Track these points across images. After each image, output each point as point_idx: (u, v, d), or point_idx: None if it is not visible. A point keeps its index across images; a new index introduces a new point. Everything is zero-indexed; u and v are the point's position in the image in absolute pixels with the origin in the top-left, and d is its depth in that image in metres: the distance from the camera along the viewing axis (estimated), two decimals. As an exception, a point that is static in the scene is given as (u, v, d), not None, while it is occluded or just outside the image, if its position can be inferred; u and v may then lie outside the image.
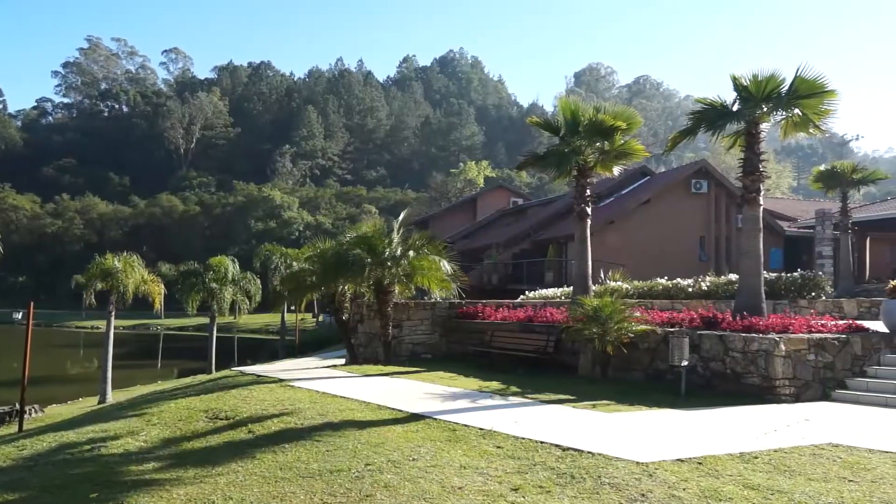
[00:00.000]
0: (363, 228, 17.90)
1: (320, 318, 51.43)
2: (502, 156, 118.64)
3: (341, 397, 10.59)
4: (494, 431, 7.89)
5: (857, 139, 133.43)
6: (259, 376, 14.15)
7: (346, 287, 17.79)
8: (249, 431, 8.40)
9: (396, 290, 16.85)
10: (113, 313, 22.68)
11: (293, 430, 8.36)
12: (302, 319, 46.11)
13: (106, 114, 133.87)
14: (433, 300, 17.76)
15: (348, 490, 5.98)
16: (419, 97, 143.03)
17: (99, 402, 19.79)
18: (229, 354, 37.06)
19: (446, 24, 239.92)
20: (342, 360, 18.18)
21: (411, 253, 16.37)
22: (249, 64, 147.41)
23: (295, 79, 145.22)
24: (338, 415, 9.13)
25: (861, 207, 34.65)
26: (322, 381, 12.87)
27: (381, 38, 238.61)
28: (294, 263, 19.39)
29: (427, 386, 11.92)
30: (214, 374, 20.15)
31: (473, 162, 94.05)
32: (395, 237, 16.73)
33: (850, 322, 12.37)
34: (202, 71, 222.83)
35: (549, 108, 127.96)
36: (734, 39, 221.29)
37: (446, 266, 16.46)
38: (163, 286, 25.12)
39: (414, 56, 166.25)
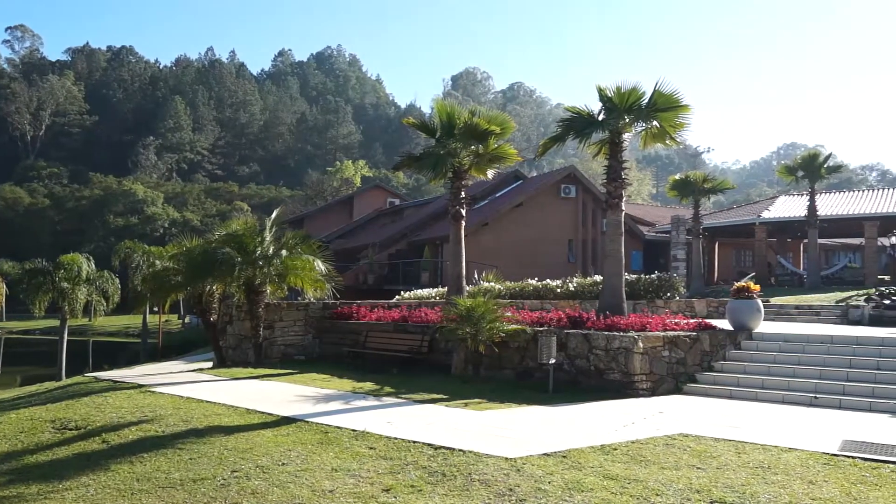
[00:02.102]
0: (234, 226, 17.20)
1: (187, 320, 48.93)
2: (380, 155, 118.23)
3: (207, 402, 10.10)
4: (367, 432, 7.84)
5: (708, 151, 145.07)
6: (116, 382, 13.21)
7: (214, 287, 17.04)
8: (103, 441, 7.82)
9: (268, 291, 16.36)
10: (-56, 315, 20.38)
11: (153, 438, 7.88)
12: (166, 321, 43.67)
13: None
14: (307, 300, 17.41)
15: (212, 499, 5.71)
16: (295, 93, 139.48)
17: (-75, 415, 17.69)
18: (83, 359, 34.43)
19: (324, 20, 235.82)
20: (210, 364, 17.39)
21: (284, 252, 15.95)
22: (109, 48, 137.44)
23: (160, 66, 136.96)
24: (203, 420, 8.70)
25: (711, 214, 37.73)
26: (187, 385, 12.23)
27: (256, 29, 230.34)
28: (157, 262, 18.26)
29: (299, 388, 11.64)
30: (64, 381, 18.61)
31: (350, 161, 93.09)
32: (268, 236, 16.24)
33: (700, 321, 13.37)
34: (53, 52, 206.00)
35: (426, 110, 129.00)
36: (602, 50, 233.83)
37: (321, 266, 16.18)
38: (4, 286, 22.92)
39: (290, 50, 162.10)
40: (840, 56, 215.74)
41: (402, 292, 25.55)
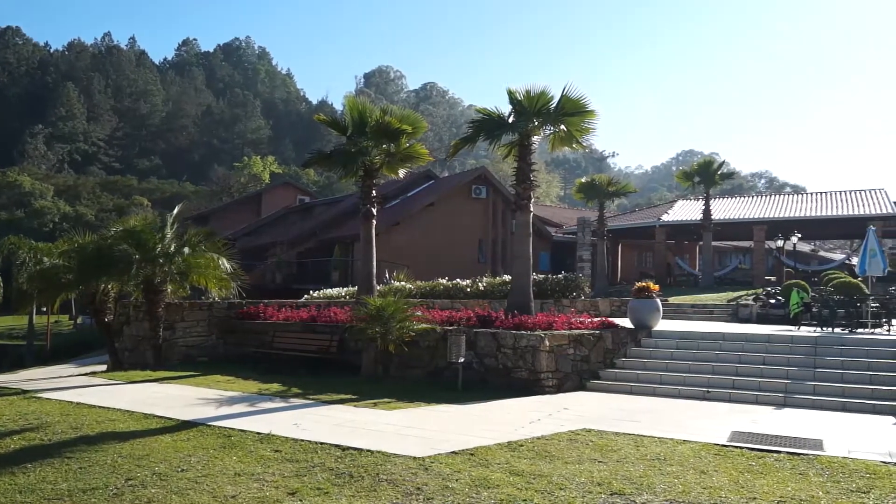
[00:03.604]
0: (132, 222, 16.44)
1: (79, 321, 46.20)
2: (290, 152, 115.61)
3: (100, 407, 9.56)
4: (273, 435, 7.64)
5: (613, 156, 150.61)
6: (-3, 388, 12.31)
7: (109, 286, 16.18)
8: (-19, 452, 7.24)
9: (169, 290, 15.71)
10: None
11: (38, 447, 7.37)
12: (56, 322, 41.08)
13: None
14: (211, 300, 16.81)
15: (104, 510, 5.39)
16: (200, 84, 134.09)
17: None
18: (-40, 363, 31.81)
19: (232, 10, 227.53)
20: (104, 367, 16.53)
21: (187, 249, 15.36)
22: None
23: (51, 50, 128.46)
24: (95, 427, 8.22)
25: (615, 217, 39.23)
26: (77, 390, 11.54)
27: (158, 15, 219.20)
28: (46, 259, 17.13)
29: (202, 391, 11.23)
30: (-62, 388, 17.16)
31: (259, 157, 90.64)
32: (169, 232, 15.60)
33: (604, 319, 13.86)
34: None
35: (339, 107, 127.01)
36: (514, 53, 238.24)
37: (226, 264, 15.70)
38: None
39: (195, 40, 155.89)
40: (737, 65, 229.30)
41: (312, 291, 25.15)
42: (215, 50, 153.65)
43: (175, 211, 16.84)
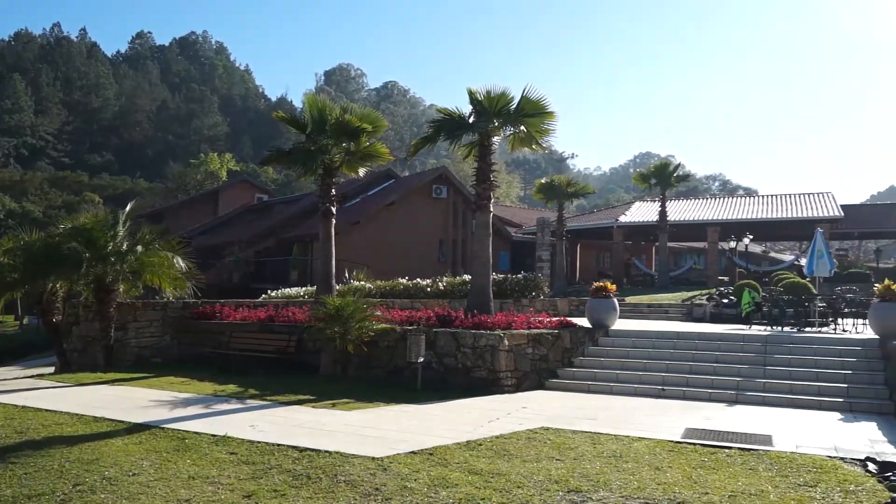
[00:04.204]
0: (82, 219, 15.98)
1: (25, 321, 44.72)
2: (248, 149, 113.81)
3: (47, 410, 9.26)
4: (229, 437, 7.51)
5: (572, 157, 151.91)
6: (-63, 391, 11.82)
7: (58, 285, 15.70)
8: (-82, 458, 6.93)
9: (121, 289, 15.31)
10: None
11: (-20, 452, 7.10)
12: (0, 322, 39.70)
13: None
14: (165, 299, 16.44)
15: (50, 517, 5.22)
16: (155, 79, 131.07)
17: None
18: None
19: (189, 3, 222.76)
20: (51, 369, 16.01)
21: (140, 248, 15.01)
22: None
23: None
24: (41, 431, 7.96)
25: (574, 217, 39.68)
26: (23, 392, 11.16)
27: (110, 6, 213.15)
28: (-10, 257, 16.59)
29: (155, 393, 10.97)
30: None
31: (216, 153, 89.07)
32: (121, 230, 15.23)
33: (563, 319, 14.00)
34: None
35: (299, 104, 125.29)
36: (476, 53, 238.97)
37: (181, 263, 15.39)
38: None
39: (150, 33, 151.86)
40: (693, 68, 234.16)
41: (270, 291, 24.85)
42: (171, 44, 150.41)
43: (128, 208, 16.43)
